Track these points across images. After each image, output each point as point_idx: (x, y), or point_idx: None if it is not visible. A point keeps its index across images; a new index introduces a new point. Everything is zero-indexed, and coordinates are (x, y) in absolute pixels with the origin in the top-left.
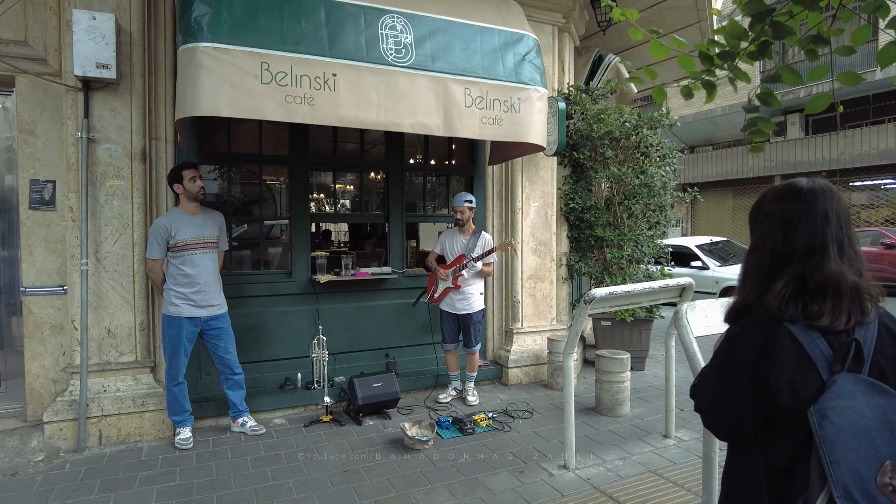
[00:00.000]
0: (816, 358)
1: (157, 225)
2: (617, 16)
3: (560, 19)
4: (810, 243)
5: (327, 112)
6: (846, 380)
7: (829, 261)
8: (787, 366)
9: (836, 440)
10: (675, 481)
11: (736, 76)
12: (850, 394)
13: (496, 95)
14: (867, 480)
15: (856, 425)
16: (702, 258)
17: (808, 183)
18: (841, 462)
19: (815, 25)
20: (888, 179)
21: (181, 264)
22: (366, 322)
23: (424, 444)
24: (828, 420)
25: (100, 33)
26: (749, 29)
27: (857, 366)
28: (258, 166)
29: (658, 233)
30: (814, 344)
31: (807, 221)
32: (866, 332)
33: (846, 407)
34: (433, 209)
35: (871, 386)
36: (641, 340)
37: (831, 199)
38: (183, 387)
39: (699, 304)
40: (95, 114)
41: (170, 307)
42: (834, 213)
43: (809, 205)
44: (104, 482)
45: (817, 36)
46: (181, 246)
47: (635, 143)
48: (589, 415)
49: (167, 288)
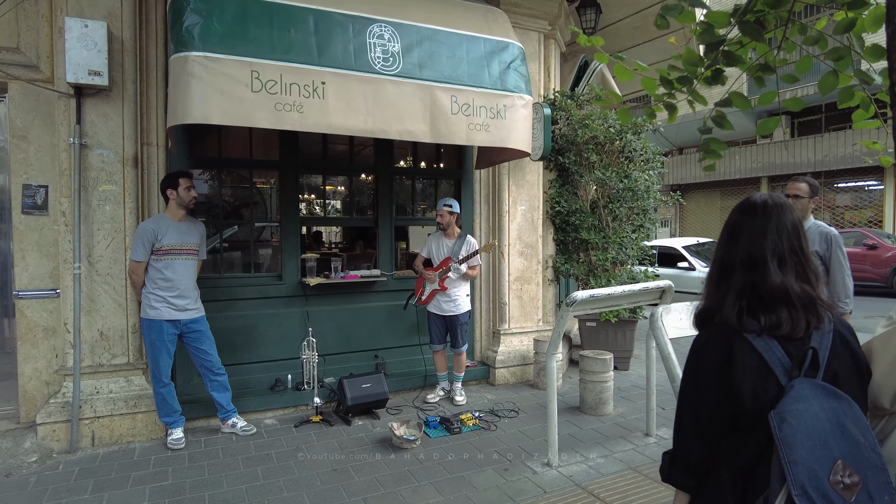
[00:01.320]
0: (774, 365)
1: (144, 228)
2: (584, 41)
3: (546, 26)
4: (751, 254)
5: (316, 120)
6: (803, 385)
7: (769, 272)
8: (748, 373)
9: (794, 442)
10: (654, 478)
11: (695, 99)
12: (806, 398)
13: (482, 102)
14: (821, 479)
15: (811, 428)
16: (688, 259)
17: (760, 198)
18: (798, 462)
19: (763, 55)
20: (871, 181)
21: (163, 268)
22: (355, 324)
23: (412, 443)
24: (786, 423)
25: (92, 41)
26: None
27: (812, 371)
28: (248, 170)
29: (642, 235)
30: (771, 352)
31: (746, 233)
32: (822, 340)
33: (803, 410)
34: (422, 212)
35: (825, 390)
36: (626, 341)
37: (776, 214)
38: (170, 388)
39: (675, 308)
40: (87, 120)
41: (149, 311)
42: (773, 227)
43: (750, 218)
44: (97, 482)
45: (765, 64)
46: (165, 250)
47: (619, 148)
48: (573, 414)
49: (147, 292)
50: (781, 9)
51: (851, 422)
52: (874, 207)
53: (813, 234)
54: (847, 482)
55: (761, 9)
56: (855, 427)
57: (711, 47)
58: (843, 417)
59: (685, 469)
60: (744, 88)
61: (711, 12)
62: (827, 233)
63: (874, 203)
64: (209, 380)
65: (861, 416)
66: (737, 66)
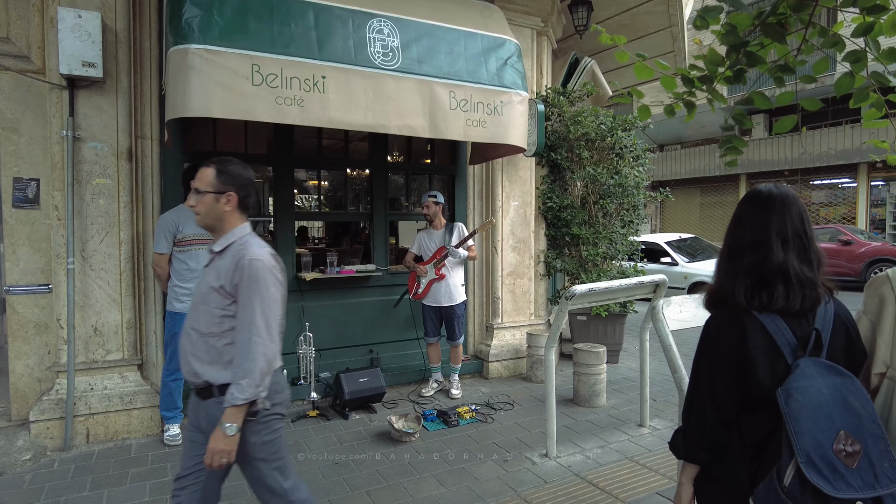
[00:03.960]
0: (783, 345)
1: (165, 219)
2: (606, 40)
3: (539, 23)
4: (756, 238)
5: (317, 114)
6: (807, 363)
7: (772, 252)
8: (760, 352)
9: (800, 415)
10: (650, 467)
11: (714, 97)
12: (811, 375)
13: (480, 98)
14: (825, 448)
15: (816, 402)
16: (671, 254)
17: (766, 188)
18: (804, 433)
19: (783, 56)
20: (845, 179)
21: (187, 259)
22: (350, 318)
23: (411, 436)
24: (792, 398)
25: (86, 31)
26: (725, 57)
27: (816, 351)
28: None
29: (631, 231)
30: (780, 333)
31: (753, 220)
32: (824, 322)
33: (808, 387)
34: (415, 207)
35: (828, 368)
36: (615, 334)
37: (779, 202)
38: (179, 384)
39: (674, 300)
40: (81, 112)
41: (176, 304)
42: (778, 213)
43: (756, 206)
44: (95, 479)
45: (784, 65)
46: (187, 241)
47: (610, 145)
48: (567, 406)
49: (172, 285)
50: (803, 12)
51: (853, 396)
52: (848, 204)
53: None
54: (849, 450)
55: (784, 11)
56: (856, 401)
57: (735, 48)
58: (846, 392)
59: (699, 444)
60: (725, 91)
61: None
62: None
63: (848, 200)
64: None
65: (862, 390)
66: (757, 67)
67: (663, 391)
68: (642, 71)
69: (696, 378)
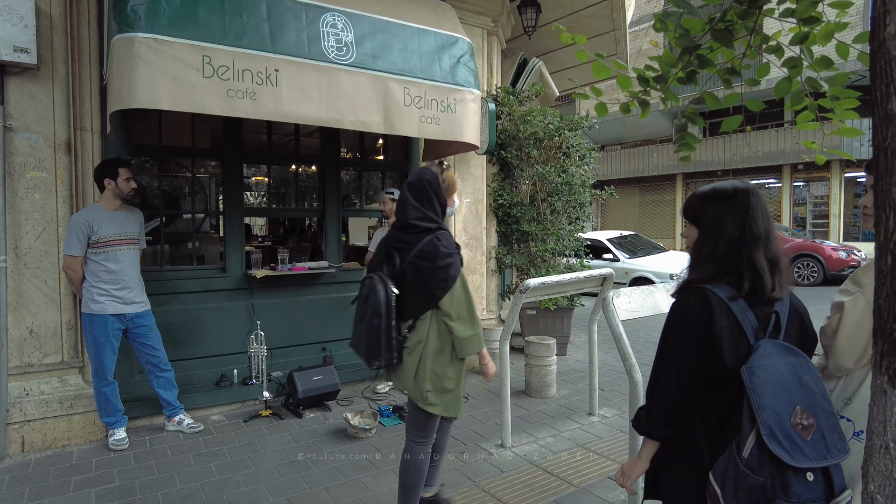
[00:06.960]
0: (746, 327)
1: (78, 220)
2: (567, 39)
3: (489, 23)
4: (725, 232)
5: (269, 107)
6: (767, 344)
7: (741, 246)
8: (726, 332)
9: (763, 391)
10: (601, 454)
11: (667, 97)
12: (770, 355)
13: (434, 96)
14: (784, 421)
15: (776, 379)
16: (613, 251)
17: (731, 185)
18: (766, 407)
19: (730, 60)
20: (771, 179)
21: (104, 260)
22: (302, 316)
23: (368, 432)
24: (755, 375)
25: (17, 14)
26: (679, 59)
27: (775, 333)
28: (190, 159)
29: (577, 228)
30: (745, 316)
31: (719, 216)
32: (783, 307)
33: (769, 365)
34: (368, 203)
35: (786, 349)
36: (563, 327)
37: (742, 198)
38: (114, 386)
39: (623, 292)
40: (12, 101)
41: (92, 305)
42: (744, 209)
43: (723, 203)
44: (34, 489)
45: (731, 68)
46: (104, 242)
47: (557, 144)
48: (519, 397)
49: (88, 286)
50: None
51: (807, 374)
52: (773, 203)
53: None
54: (804, 423)
55: (731, 19)
56: (810, 378)
57: (688, 51)
58: (801, 371)
59: (662, 421)
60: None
61: (688, 19)
62: None
63: (773, 199)
64: (155, 377)
65: (814, 369)
66: (707, 69)
67: (610, 381)
68: (600, 70)
69: (661, 356)
